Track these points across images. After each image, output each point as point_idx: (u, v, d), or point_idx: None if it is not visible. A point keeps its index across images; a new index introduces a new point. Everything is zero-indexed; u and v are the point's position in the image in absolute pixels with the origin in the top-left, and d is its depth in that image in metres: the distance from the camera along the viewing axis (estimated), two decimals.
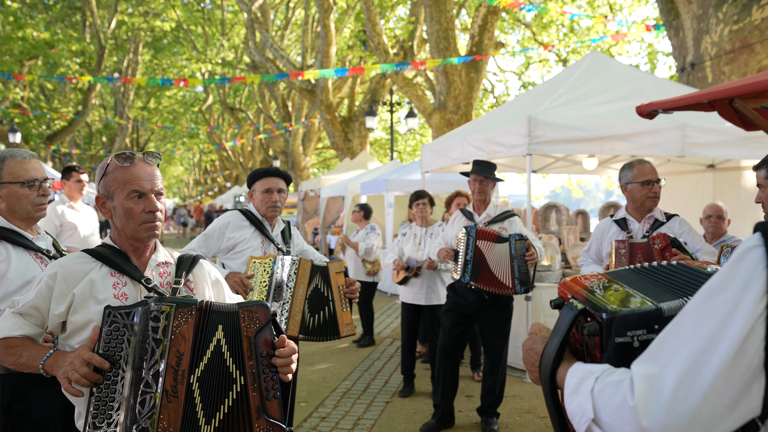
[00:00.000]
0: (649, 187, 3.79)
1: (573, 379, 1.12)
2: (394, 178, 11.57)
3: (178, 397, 1.69)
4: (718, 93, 3.51)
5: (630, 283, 1.25)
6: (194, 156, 55.72)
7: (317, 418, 5.04)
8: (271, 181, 3.56)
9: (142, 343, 1.72)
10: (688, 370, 0.93)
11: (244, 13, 21.89)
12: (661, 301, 1.14)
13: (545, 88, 7.15)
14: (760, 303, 0.92)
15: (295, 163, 25.54)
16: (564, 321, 1.23)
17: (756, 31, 8.03)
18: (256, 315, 1.78)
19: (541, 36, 20.82)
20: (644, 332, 1.11)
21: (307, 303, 3.36)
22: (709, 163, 7.61)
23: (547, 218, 8.63)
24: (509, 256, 4.38)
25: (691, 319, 0.97)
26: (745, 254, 0.95)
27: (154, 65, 31.96)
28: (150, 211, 1.86)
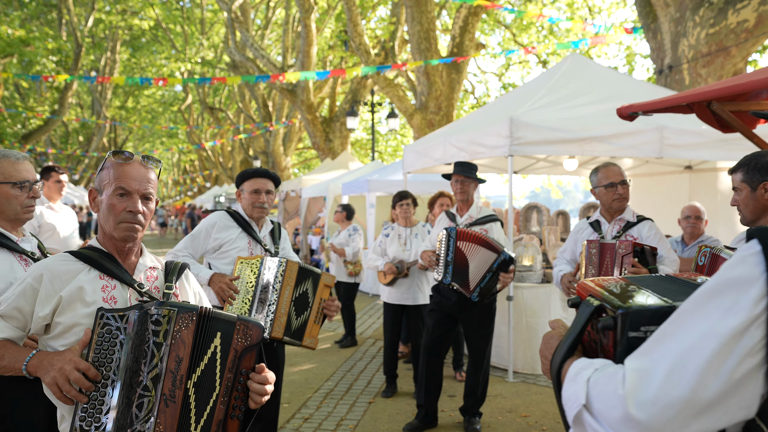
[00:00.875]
0: (614, 190, 3.84)
1: (574, 369, 1.16)
2: (376, 178, 11.58)
3: (175, 402, 1.69)
4: (697, 96, 3.58)
5: (648, 285, 1.29)
6: (173, 156, 55.23)
7: (300, 419, 5.03)
8: (259, 182, 3.55)
9: (140, 347, 1.71)
10: (677, 364, 0.96)
11: (224, 12, 21.74)
12: (677, 300, 1.16)
13: (526, 90, 7.21)
14: (757, 306, 0.94)
15: (276, 164, 25.44)
16: (580, 318, 1.27)
17: (732, 35, 8.17)
18: (250, 333, 1.80)
19: (521, 38, 20.98)
20: (656, 327, 1.12)
21: (294, 305, 3.34)
22: (686, 165, 7.73)
23: (528, 219, 8.70)
24: (489, 266, 4.39)
25: (686, 319, 1.00)
26: (744, 259, 0.98)
27: (132, 64, 31.63)
28: (130, 211, 1.84)
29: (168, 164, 63.99)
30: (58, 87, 26.23)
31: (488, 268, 4.38)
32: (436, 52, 13.95)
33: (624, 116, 3.96)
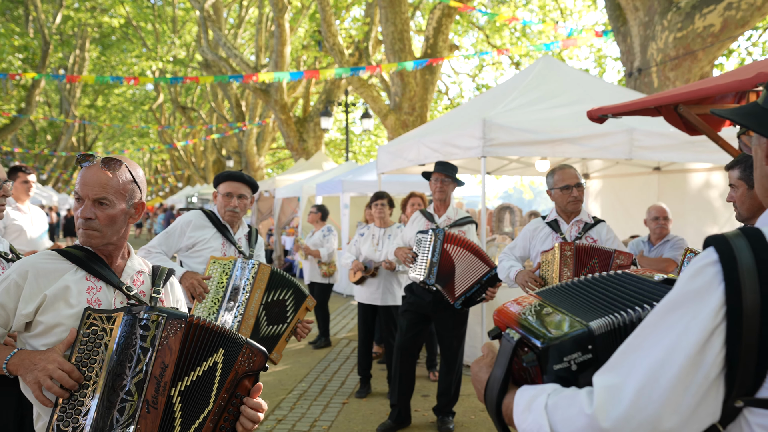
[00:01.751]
0: (569, 192, 3.88)
1: (524, 398, 1.14)
2: (350, 179, 11.57)
3: (157, 408, 1.67)
4: (664, 99, 3.65)
5: (560, 303, 1.28)
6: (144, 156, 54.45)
7: (273, 420, 5.01)
8: (232, 186, 3.54)
9: (126, 350, 1.69)
10: (648, 380, 0.97)
11: (196, 11, 21.53)
12: (589, 320, 1.16)
13: (499, 92, 7.27)
14: (717, 316, 0.97)
15: (249, 164, 25.26)
16: (504, 353, 1.24)
17: (698, 39, 8.35)
18: (254, 358, 1.80)
19: (494, 39, 21.15)
20: (579, 354, 1.14)
21: (265, 310, 3.32)
22: (655, 166, 7.87)
23: (501, 219, 8.78)
24: (478, 277, 4.37)
25: (651, 332, 1.01)
26: (702, 269, 1.00)
27: (102, 62, 31.11)
28: (81, 217, 1.82)
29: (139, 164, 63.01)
30: (24, 85, 25.69)
31: (477, 280, 4.37)
32: (410, 53, 14.00)
33: (594, 119, 4.02)
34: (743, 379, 0.97)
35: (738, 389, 0.97)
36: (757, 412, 0.98)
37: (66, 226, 22.56)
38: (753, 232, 1.01)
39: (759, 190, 1.18)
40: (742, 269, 0.96)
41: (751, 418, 0.99)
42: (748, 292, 0.95)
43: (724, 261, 0.98)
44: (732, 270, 0.97)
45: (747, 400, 0.98)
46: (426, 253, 4.40)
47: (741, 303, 0.95)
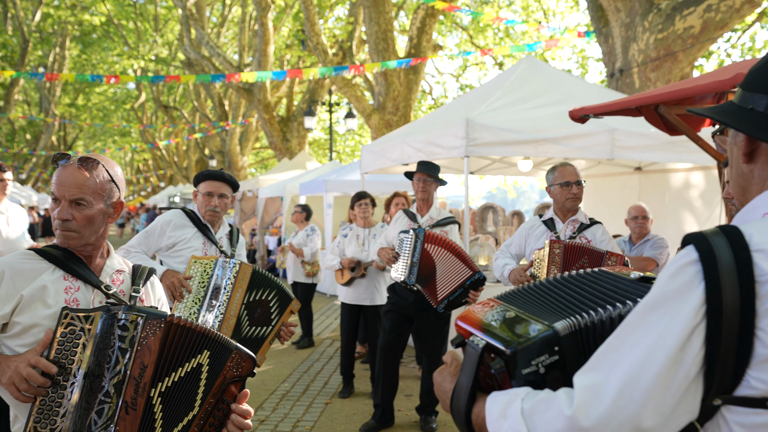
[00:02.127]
0: (568, 189, 3.90)
1: (496, 405, 1.12)
2: (333, 178, 11.55)
3: (136, 410, 1.65)
4: (645, 99, 3.68)
5: (523, 306, 1.26)
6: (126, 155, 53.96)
7: (255, 421, 4.98)
8: (213, 185, 3.52)
9: (104, 351, 1.66)
10: (630, 380, 0.98)
11: (179, 9, 21.36)
12: (553, 321, 1.16)
13: (482, 92, 7.29)
14: (697, 314, 0.97)
15: (232, 163, 25.12)
16: (470, 361, 1.22)
17: (679, 40, 8.44)
18: (243, 364, 1.79)
19: (478, 39, 21.22)
20: (546, 357, 1.13)
21: (246, 310, 3.31)
22: (637, 166, 7.94)
23: (485, 219, 8.81)
24: (462, 281, 4.36)
25: (632, 332, 1.01)
26: (683, 267, 1.00)
27: (82, 60, 30.74)
28: (57, 218, 1.79)
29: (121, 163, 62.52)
30: (3, 83, 25.33)
31: (460, 284, 4.36)
32: (394, 53, 14.00)
33: (576, 119, 4.05)
34: (722, 377, 0.97)
35: (717, 387, 0.98)
36: (735, 410, 0.99)
37: (44, 225, 22.27)
38: (732, 230, 1.01)
39: (735, 189, 1.19)
40: (722, 268, 0.97)
41: (729, 416, 1.00)
42: (727, 290, 0.96)
43: (703, 260, 0.98)
44: (712, 269, 0.97)
45: (725, 398, 0.99)
46: (407, 253, 4.40)
47: (721, 302, 0.96)
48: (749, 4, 8.12)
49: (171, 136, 34.31)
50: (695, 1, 8.20)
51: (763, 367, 0.96)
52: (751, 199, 1.13)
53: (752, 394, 0.97)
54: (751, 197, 1.14)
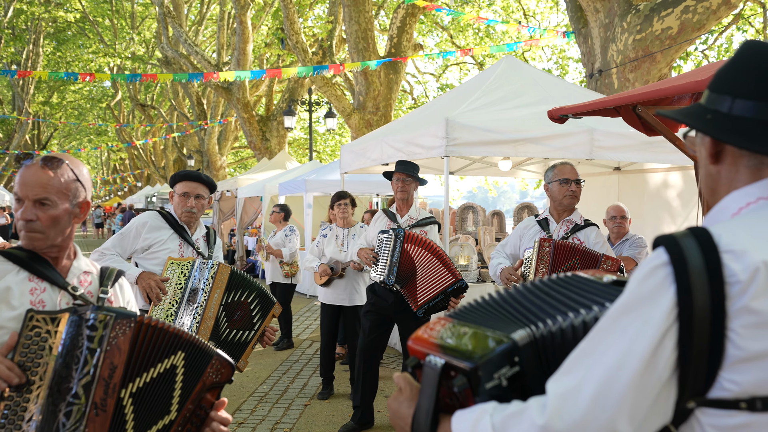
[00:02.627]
0: (567, 186, 3.92)
1: (464, 424, 1.09)
2: (313, 178, 11.48)
3: (106, 411, 1.61)
4: (623, 99, 3.68)
5: (475, 321, 1.23)
6: (102, 154, 53.28)
7: (234, 424, 4.91)
8: (189, 185, 3.48)
9: (72, 352, 1.62)
10: (604, 385, 0.97)
11: (156, 6, 21.10)
12: (510, 332, 1.13)
13: (462, 91, 7.28)
14: (669, 316, 0.97)
15: (211, 163, 24.88)
16: (429, 382, 1.17)
17: (657, 41, 8.51)
18: (223, 371, 1.79)
19: (459, 39, 21.26)
20: (508, 368, 1.10)
21: (224, 311, 3.26)
22: (615, 166, 7.98)
23: (464, 219, 8.80)
24: (443, 288, 4.34)
25: (604, 336, 1.00)
26: (653, 271, 1.00)
27: (57, 58, 30.22)
28: (21, 219, 1.75)
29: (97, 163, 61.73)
30: None
31: (442, 290, 4.34)
32: (374, 52, 13.96)
33: (554, 119, 4.04)
34: (695, 379, 0.98)
35: (690, 390, 0.98)
36: (708, 413, 0.99)
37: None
38: (701, 231, 1.02)
39: (704, 189, 1.19)
40: (692, 270, 0.97)
41: (703, 418, 1.00)
42: (698, 292, 0.96)
43: (674, 262, 0.98)
44: (682, 271, 0.97)
45: (699, 401, 0.99)
46: (386, 253, 4.39)
47: (692, 304, 0.96)
48: (725, 5, 8.21)
49: (148, 135, 33.90)
50: (673, 3, 8.28)
51: (735, 369, 0.96)
52: (719, 200, 1.14)
53: (725, 396, 0.98)
54: (720, 198, 1.14)
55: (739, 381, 0.97)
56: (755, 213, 1.07)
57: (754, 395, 0.97)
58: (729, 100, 1.11)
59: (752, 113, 1.08)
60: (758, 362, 0.96)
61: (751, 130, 1.08)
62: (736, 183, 1.12)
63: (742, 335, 0.96)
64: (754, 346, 0.95)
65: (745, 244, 0.98)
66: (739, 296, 0.96)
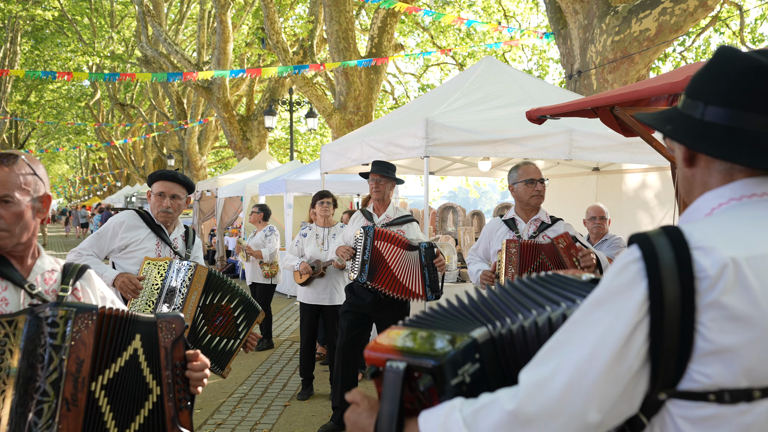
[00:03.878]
0: (533, 186, 3.93)
1: (432, 422, 1.09)
2: (294, 178, 11.44)
3: (77, 405, 1.61)
4: (601, 101, 3.71)
5: (430, 325, 1.23)
6: (81, 154, 52.64)
7: (212, 424, 4.88)
8: (165, 185, 3.45)
9: (34, 352, 1.60)
10: (576, 375, 1.00)
11: (135, 5, 20.89)
12: (470, 331, 1.14)
13: (442, 92, 7.29)
14: (640, 310, 1.00)
15: (191, 162, 24.69)
16: (392, 385, 1.15)
17: (635, 43, 8.59)
18: (173, 326, 1.79)
19: (439, 40, 21.30)
20: (470, 365, 1.12)
21: (202, 313, 3.22)
22: (594, 167, 8.05)
23: (444, 219, 8.82)
24: (419, 264, 4.40)
25: (578, 328, 1.04)
26: (626, 266, 1.04)
27: (34, 56, 29.79)
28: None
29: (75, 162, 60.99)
30: None
31: (421, 266, 4.39)
32: (355, 52, 13.94)
33: (533, 119, 4.06)
34: (666, 371, 1.01)
35: (661, 382, 1.01)
36: (679, 404, 1.02)
37: None
38: (673, 230, 1.05)
39: (681, 190, 1.24)
40: (663, 265, 1.00)
41: (673, 410, 1.03)
42: (668, 286, 0.99)
43: (646, 257, 1.02)
44: (654, 266, 1.00)
45: (669, 393, 1.02)
46: (359, 252, 4.44)
47: (662, 298, 0.99)
48: (702, 7, 8.31)
49: (128, 135, 33.54)
50: (651, 5, 8.36)
51: (704, 361, 0.99)
52: (694, 200, 1.18)
53: (695, 388, 1.01)
54: (695, 198, 1.19)
55: (708, 373, 0.99)
56: (726, 213, 1.11)
57: (722, 387, 0.99)
58: (701, 106, 1.13)
59: (723, 120, 1.11)
60: (726, 355, 0.99)
61: (721, 137, 1.10)
62: (709, 185, 1.15)
63: (711, 329, 0.98)
64: (722, 340, 0.98)
65: (715, 241, 1.01)
66: (708, 291, 0.99)
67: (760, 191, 1.11)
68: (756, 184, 1.12)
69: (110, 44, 27.35)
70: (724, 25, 15.76)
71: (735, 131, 1.09)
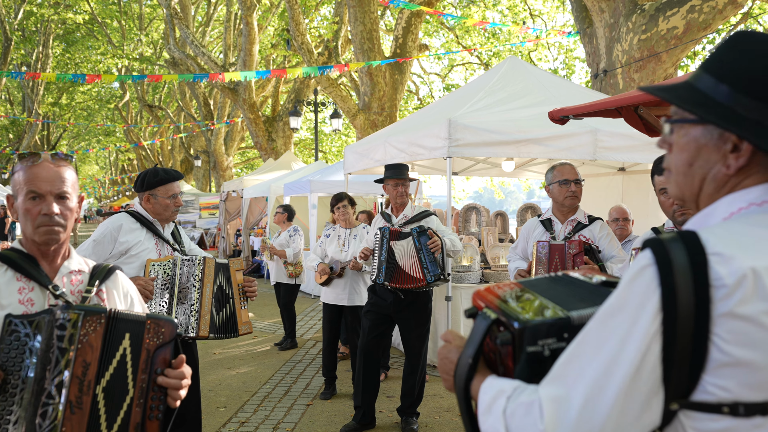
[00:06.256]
0: (567, 187, 3.92)
1: (486, 396, 1.12)
2: (318, 179, 11.50)
3: (82, 408, 1.62)
4: (625, 100, 3.66)
5: (542, 292, 1.25)
6: (110, 155, 53.52)
7: (236, 423, 4.93)
8: (176, 186, 3.51)
9: (46, 353, 1.63)
10: (593, 391, 0.97)
11: (163, 8, 21.19)
12: (571, 309, 1.15)
13: (465, 92, 7.27)
14: (655, 320, 0.97)
15: (218, 163, 24.97)
16: (478, 330, 1.21)
17: (662, 41, 8.47)
18: (162, 330, 1.75)
19: (464, 39, 21.22)
20: (555, 341, 1.12)
21: (214, 301, 3.30)
22: (620, 167, 7.95)
23: (468, 219, 8.79)
24: (414, 248, 4.44)
25: (593, 340, 1.01)
26: (639, 274, 1.00)
27: (66, 59, 30.37)
28: (46, 214, 1.76)
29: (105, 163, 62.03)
30: None
31: (416, 250, 4.43)
32: (380, 53, 13.96)
33: (555, 120, 4.02)
34: (678, 381, 0.97)
35: (673, 392, 0.98)
36: (692, 416, 0.99)
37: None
38: (688, 234, 1.01)
39: (691, 188, 1.15)
40: (677, 271, 0.97)
41: (686, 421, 0.99)
42: (682, 293, 0.96)
43: (660, 264, 0.98)
44: (667, 273, 0.97)
45: (682, 403, 0.99)
46: (377, 253, 4.52)
47: (676, 305, 0.96)
48: (732, 5, 8.16)
49: (156, 136, 34.03)
50: (678, 2, 8.23)
51: (719, 373, 0.96)
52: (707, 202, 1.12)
53: (708, 400, 0.97)
54: (708, 199, 1.12)
55: (722, 385, 0.96)
56: (746, 218, 1.05)
57: (737, 400, 0.96)
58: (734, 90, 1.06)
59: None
60: (742, 368, 0.95)
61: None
62: (742, 185, 1.08)
63: (726, 340, 0.95)
64: (738, 352, 0.95)
65: (734, 248, 0.97)
66: (724, 300, 0.95)
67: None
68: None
69: (139, 47, 27.78)
70: (755, 22, 15.43)
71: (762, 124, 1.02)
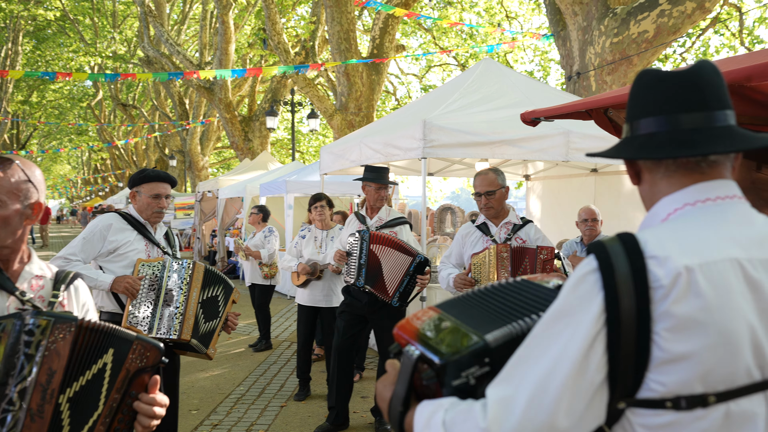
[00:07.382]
0: (479, 199, 3.92)
1: (423, 415, 1.14)
2: (294, 179, 11.46)
3: (43, 417, 1.58)
4: (595, 103, 3.71)
5: (459, 315, 1.27)
6: (83, 154, 52.73)
7: (208, 425, 4.90)
8: (161, 187, 3.49)
9: (10, 358, 1.59)
10: (537, 390, 1.00)
11: (137, 6, 20.94)
12: (486, 332, 1.16)
13: (440, 93, 7.31)
14: (598, 322, 1.01)
15: (193, 163, 24.73)
16: (405, 371, 1.24)
17: (633, 44, 8.60)
18: (147, 354, 1.71)
19: (441, 41, 21.30)
20: (477, 368, 1.13)
21: (201, 308, 3.30)
22: (592, 168, 8.06)
23: (443, 220, 8.84)
24: (405, 270, 4.41)
25: (539, 342, 1.05)
26: (583, 279, 1.05)
27: (36, 56, 29.84)
28: None
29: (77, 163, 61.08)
30: None
31: (405, 272, 4.40)
32: (357, 53, 13.95)
33: (527, 121, 4.05)
34: (624, 381, 1.02)
35: (620, 391, 1.02)
36: (638, 413, 1.03)
37: None
38: (628, 238, 1.06)
39: (642, 201, 1.30)
40: (619, 276, 1.01)
41: (633, 418, 1.04)
42: (624, 298, 1.00)
43: (602, 269, 1.03)
44: (609, 278, 1.02)
45: (628, 401, 1.03)
46: (355, 256, 4.47)
47: (618, 309, 1.00)
48: (700, 10, 8.31)
49: (129, 135, 33.61)
50: (648, 7, 8.37)
51: (660, 370, 1.01)
52: None
53: (652, 396, 1.02)
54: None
55: (664, 381, 1.01)
56: (681, 218, 1.12)
57: (678, 394, 1.01)
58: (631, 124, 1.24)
59: (646, 129, 1.18)
60: (681, 363, 1.00)
61: (644, 142, 1.17)
62: (660, 193, 1.19)
63: (665, 338, 1.00)
64: (676, 348, 0.99)
65: (669, 249, 1.03)
66: (662, 300, 1.00)
67: (713, 195, 1.13)
68: (710, 188, 1.14)
69: (112, 44, 27.39)
70: (724, 26, 15.74)
71: (654, 135, 1.15)
